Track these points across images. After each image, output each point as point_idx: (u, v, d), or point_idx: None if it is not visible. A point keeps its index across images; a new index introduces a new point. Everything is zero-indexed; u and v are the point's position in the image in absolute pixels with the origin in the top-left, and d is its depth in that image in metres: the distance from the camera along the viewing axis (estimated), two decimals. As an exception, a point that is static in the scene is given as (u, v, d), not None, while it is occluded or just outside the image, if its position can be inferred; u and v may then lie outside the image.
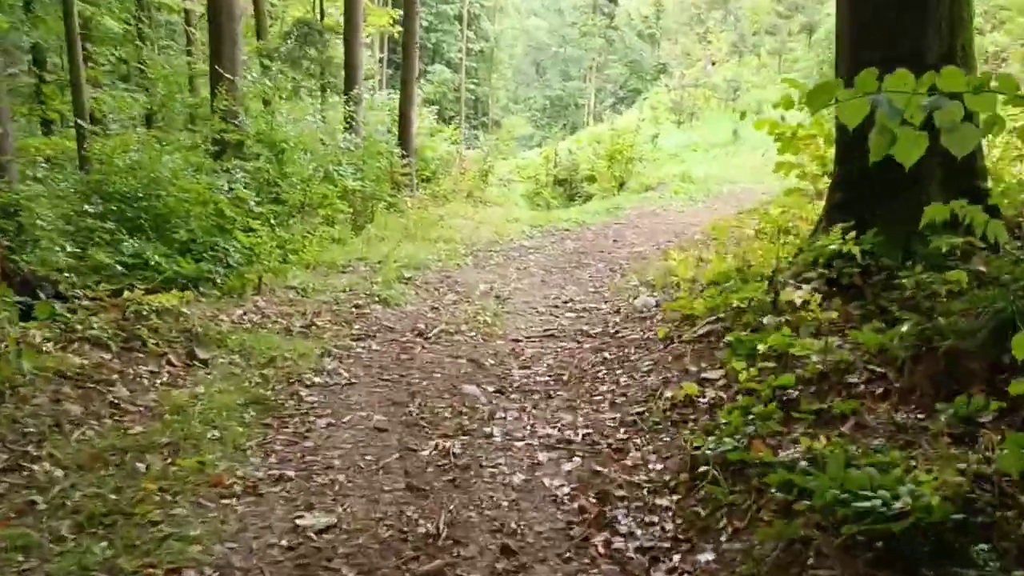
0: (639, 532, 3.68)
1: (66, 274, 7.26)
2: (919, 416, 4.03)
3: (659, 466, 4.34)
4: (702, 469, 4.00)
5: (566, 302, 9.14)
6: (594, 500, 3.97)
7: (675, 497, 3.95)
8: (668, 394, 5.25)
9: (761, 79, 42.84)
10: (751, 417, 4.42)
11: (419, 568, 3.34)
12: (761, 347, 5.04)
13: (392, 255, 10.85)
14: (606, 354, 6.69)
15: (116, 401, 5.09)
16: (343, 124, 15.99)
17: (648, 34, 64.44)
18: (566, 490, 4.10)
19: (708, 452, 4.13)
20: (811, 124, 7.46)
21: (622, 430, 4.91)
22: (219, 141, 12.20)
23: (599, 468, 4.35)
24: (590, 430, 4.92)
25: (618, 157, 22.01)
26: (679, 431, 4.73)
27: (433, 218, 14.97)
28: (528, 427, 5.00)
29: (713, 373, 5.35)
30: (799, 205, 8.02)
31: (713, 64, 49.01)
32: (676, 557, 3.45)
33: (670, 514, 3.80)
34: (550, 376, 6.26)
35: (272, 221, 10.77)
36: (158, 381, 5.66)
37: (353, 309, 8.29)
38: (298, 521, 3.65)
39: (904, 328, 4.67)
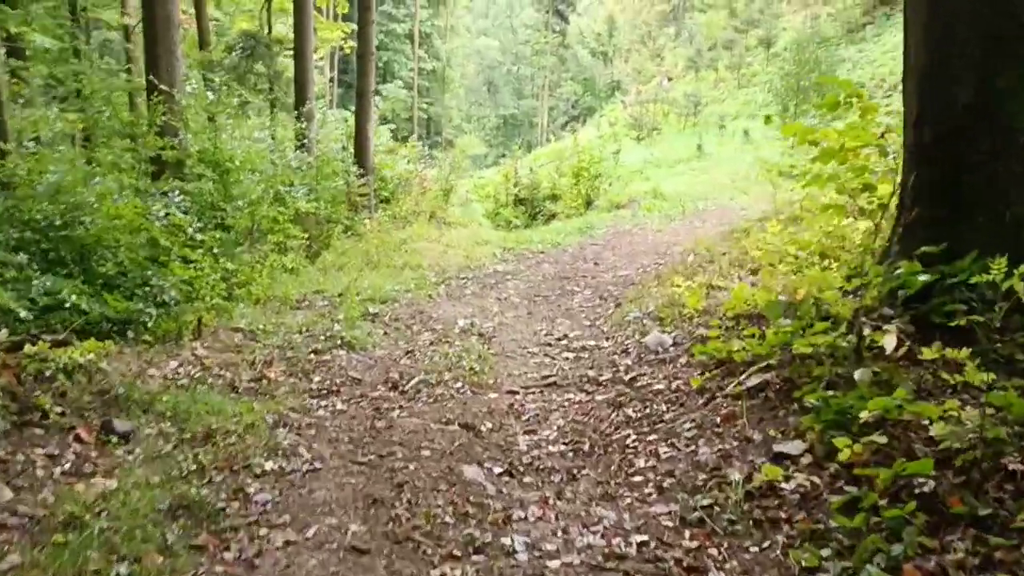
0: None
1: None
2: None
3: (759, 599, 3.07)
4: (837, 614, 2.74)
5: (560, 339, 7.87)
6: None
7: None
8: (735, 476, 3.98)
9: (720, 93, 42.48)
10: (878, 521, 3.18)
11: None
12: (864, 414, 3.79)
13: (354, 287, 9.50)
14: (628, 411, 5.42)
15: (-10, 510, 3.70)
16: (294, 142, 14.62)
17: (600, 52, 64.26)
18: (640, 650, 2.82)
19: (835, 581, 2.88)
20: (849, 130, 6.29)
21: (687, 534, 3.62)
22: (157, 160, 10.78)
23: (675, 604, 3.07)
24: (644, 535, 3.63)
25: (584, 174, 20.95)
26: (769, 537, 3.46)
27: (396, 242, 13.64)
28: (559, 533, 3.69)
29: (789, 446, 4.10)
30: (838, 225, 6.88)
31: (669, 80, 48.66)
32: None
33: None
34: (565, 443, 4.98)
35: (215, 250, 9.33)
36: (57, 470, 4.27)
37: (312, 355, 6.93)
38: None
39: (1062, 389, 3.48)
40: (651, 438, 4.85)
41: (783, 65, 32.24)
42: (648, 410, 5.34)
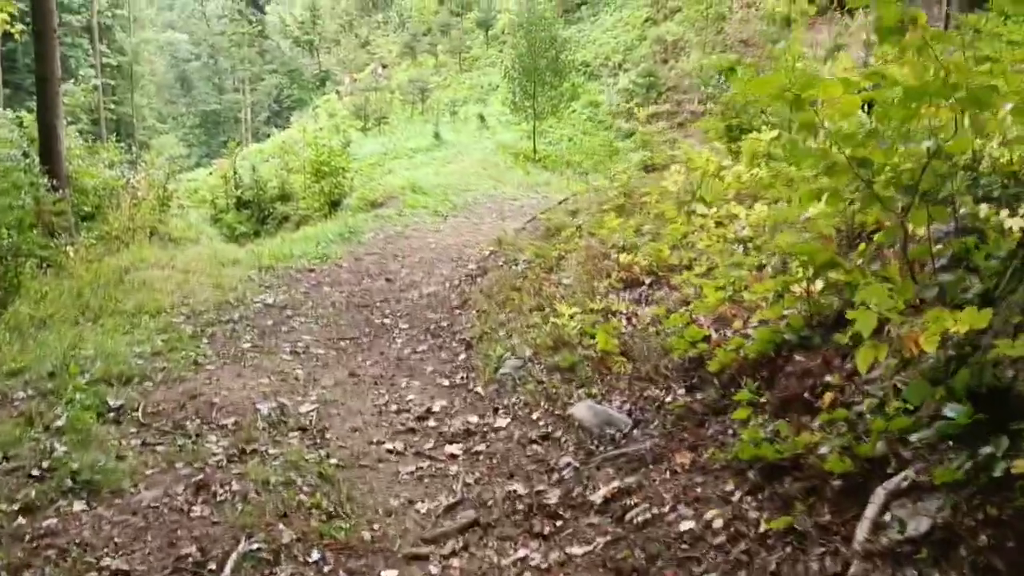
0: None
1: None
2: None
3: None
4: None
5: (422, 418, 5.23)
6: None
7: None
8: None
9: (443, 79, 40.96)
10: None
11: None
12: None
13: (72, 359, 6.21)
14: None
15: None
16: (-50, 149, 10.71)
17: (305, 41, 61.11)
18: None
19: None
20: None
21: None
22: None
23: None
24: None
25: (324, 169, 18.26)
26: None
27: (115, 273, 10.11)
28: None
29: None
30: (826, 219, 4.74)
31: (384, 67, 46.53)
32: None
33: None
34: None
35: None
36: None
37: (21, 519, 3.84)
38: None
39: None
40: None
41: (504, 48, 31.02)
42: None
